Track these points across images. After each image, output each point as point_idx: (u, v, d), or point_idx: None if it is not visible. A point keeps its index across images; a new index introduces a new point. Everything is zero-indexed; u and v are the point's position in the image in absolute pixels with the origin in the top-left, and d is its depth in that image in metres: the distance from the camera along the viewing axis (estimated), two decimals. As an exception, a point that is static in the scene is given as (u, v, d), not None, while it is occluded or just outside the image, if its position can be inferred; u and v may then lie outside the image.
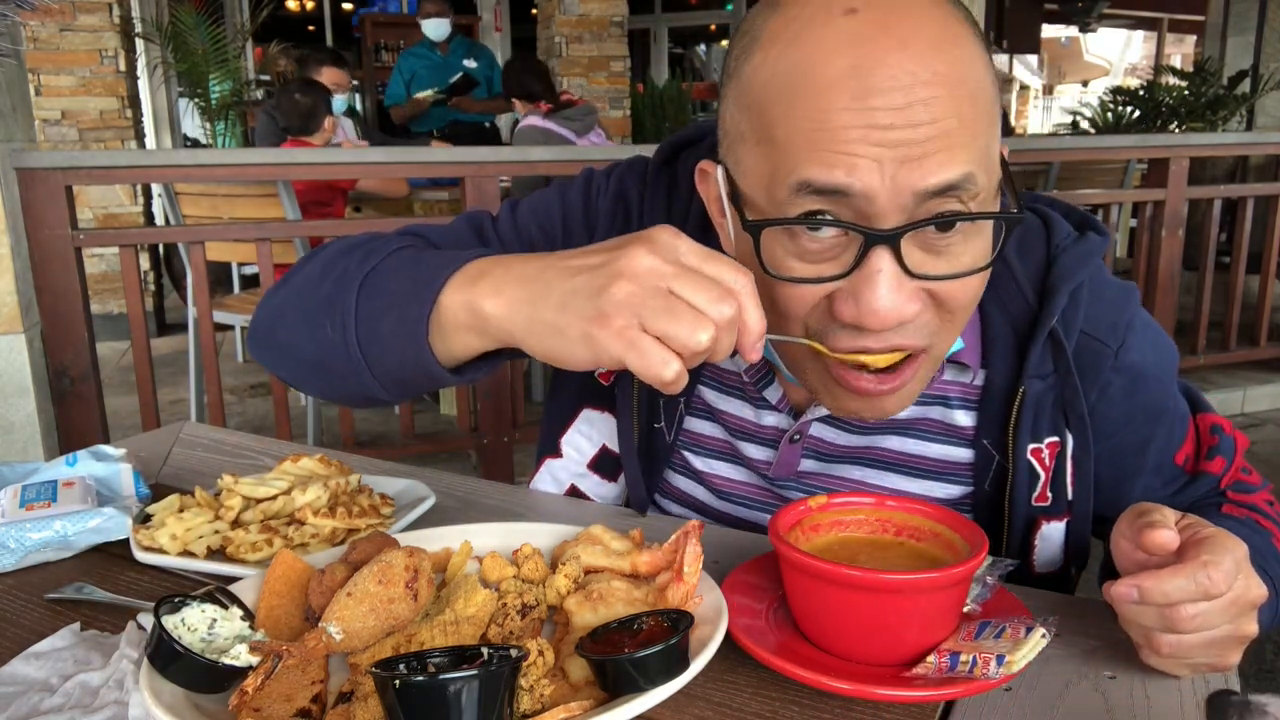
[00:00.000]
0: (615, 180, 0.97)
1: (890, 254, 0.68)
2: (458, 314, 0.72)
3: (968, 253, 0.72)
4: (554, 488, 1.04)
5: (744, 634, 0.67)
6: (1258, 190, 4.36)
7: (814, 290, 0.72)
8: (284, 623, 0.71)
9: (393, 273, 0.78)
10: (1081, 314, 0.87)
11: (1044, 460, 0.89)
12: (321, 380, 0.88)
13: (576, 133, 4.31)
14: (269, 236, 2.93)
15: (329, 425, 3.76)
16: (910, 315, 0.71)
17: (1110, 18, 12.88)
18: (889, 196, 0.67)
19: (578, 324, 0.64)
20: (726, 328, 0.64)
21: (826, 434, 0.92)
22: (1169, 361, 0.93)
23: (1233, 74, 7.09)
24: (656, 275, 0.63)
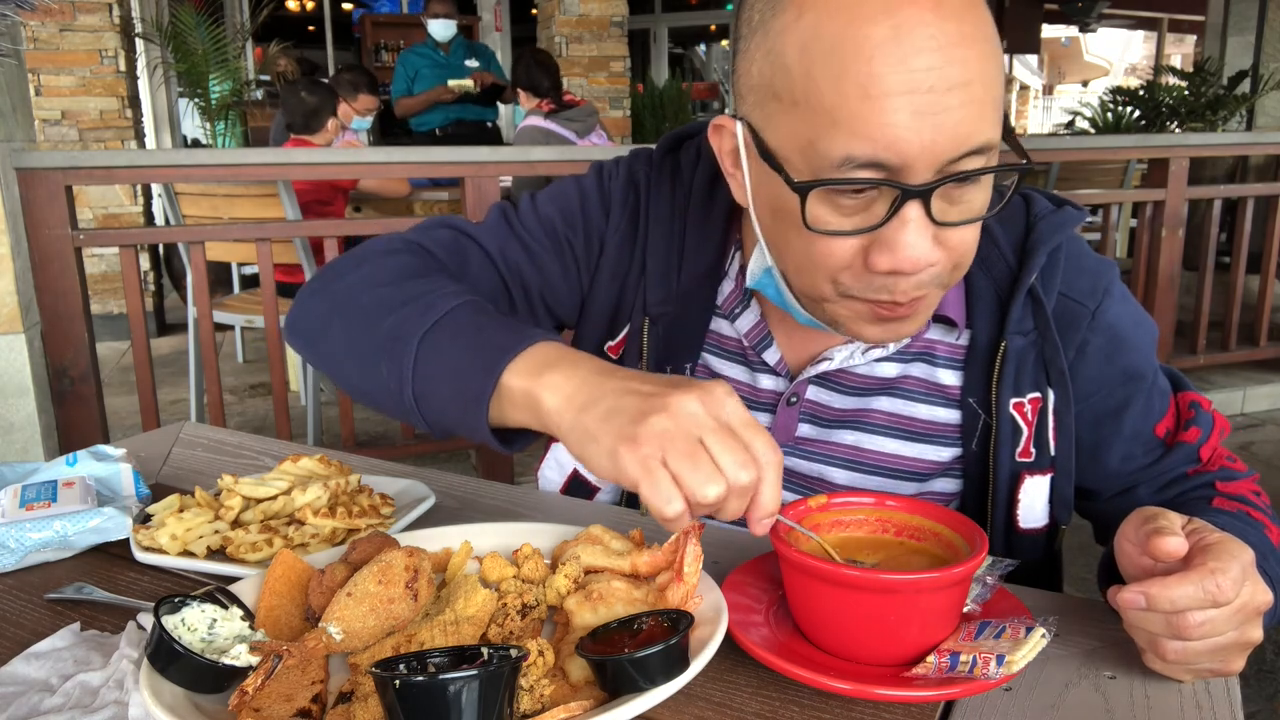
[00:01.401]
0: (625, 167, 1.03)
1: (920, 206, 0.74)
2: (516, 397, 0.75)
3: (978, 201, 0.77)
4: (557, 473, 1.05)
5: (744, 634, 0.67)
6: (1258, 190, 4.36)
7: (849, 244, 0.77)
8: (284, 623, 0.71)
9: (453, 337, 0.81)
10: (1060, 276, 0.93)
11: (1026, 415, 0.92)
12: (364, 398, 0.91)
13: (577, 134, 4.30)
14: (269, 236, 2.93)
15: (329, 425, 3.76)
16: (936, 259, 0.76)
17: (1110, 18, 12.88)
18: (926, 160, 0.72)
19: (610, 439, 0.67)
20: (739, 493, 0.65)
21: (822, 396, 0.95)
22: (1147, 333, 0.96)
23: (1233, 74, 7.09)
24: (695, 422, 0.66)
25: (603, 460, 0.67)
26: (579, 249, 1.01)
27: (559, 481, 1.05)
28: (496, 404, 0.76)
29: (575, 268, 1.01)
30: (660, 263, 0.98)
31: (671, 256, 0.98)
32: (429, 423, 0.83)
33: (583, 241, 1.01)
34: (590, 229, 1.01)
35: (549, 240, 1.00)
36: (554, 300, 1.02)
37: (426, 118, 5.92)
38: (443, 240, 0.99)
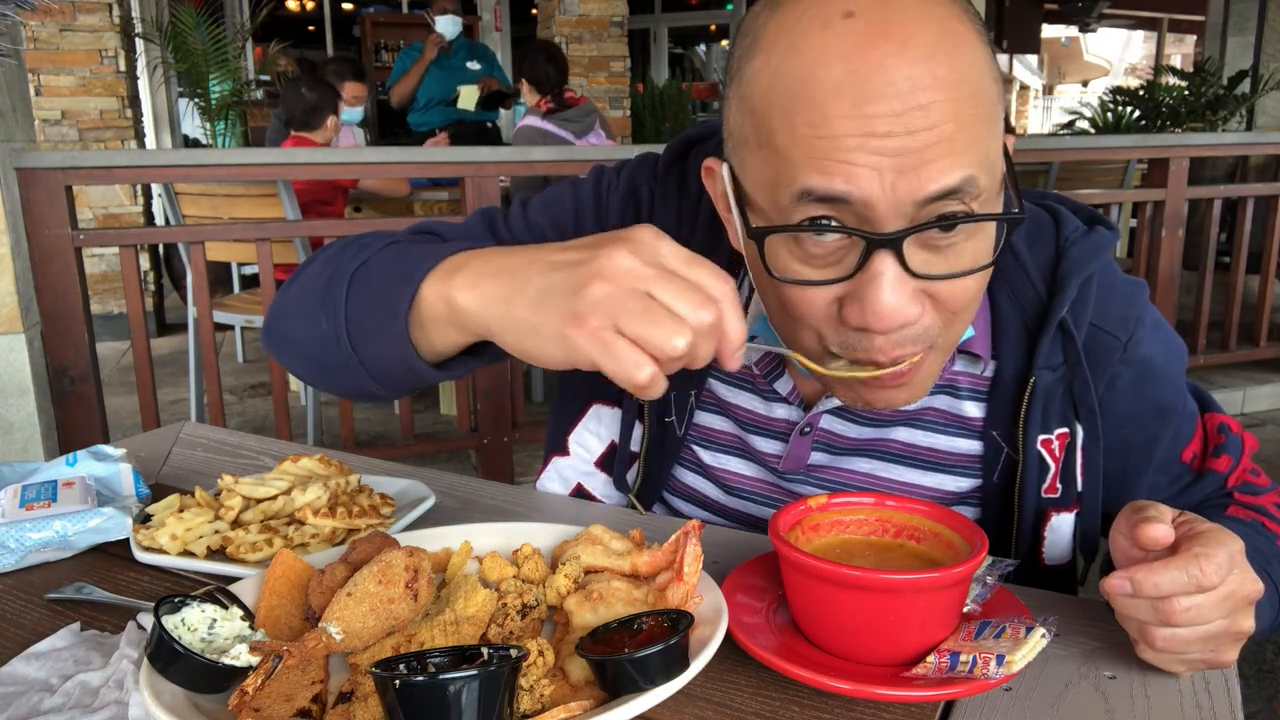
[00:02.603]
0: (626, 177, 0.98)
1: (893, 256, 0.69)
2: (436, 307, 0.71)
3: (969, 251, 0.72)
4: (560, 487, 1.04)
5: (744, 634, 0.67)
6: (1258, 190, 4.36)
7: (821, 295, 0.73)
8: (284, 623, 0.71)
9: (381, 267, 0.78)
10: (1091, 306, 0.87)
11: (1054, 451, 0.89)
12: (322, 375, 0.88)
13: (575, 134, 4.29)
14: (269, 236, 2.93)
15: (329, 425, 3.76)
16: (914, 317, 0.71)
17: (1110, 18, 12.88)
18: (889, 203, 0.67)
19: (553, 322, 0.63)
20: (705, 334, 0.63)
21: (836, 426, 0.93)
22: (1178, 359, 0.93)
23: (1233, 74, 7.09)
24: (635, 277, 0.62)
25: (551, 348, 0.64)
26: None
27: (563, 494, 1.04)
28: (419, 323, 0.73)
29: None
30: None
31: None
32: (368, 368, 0.79)
33: None
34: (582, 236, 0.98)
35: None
36: None
37: (427, 118, 5.92)
38: (415, 240, 0.96)
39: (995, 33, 10.22)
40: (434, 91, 5.87)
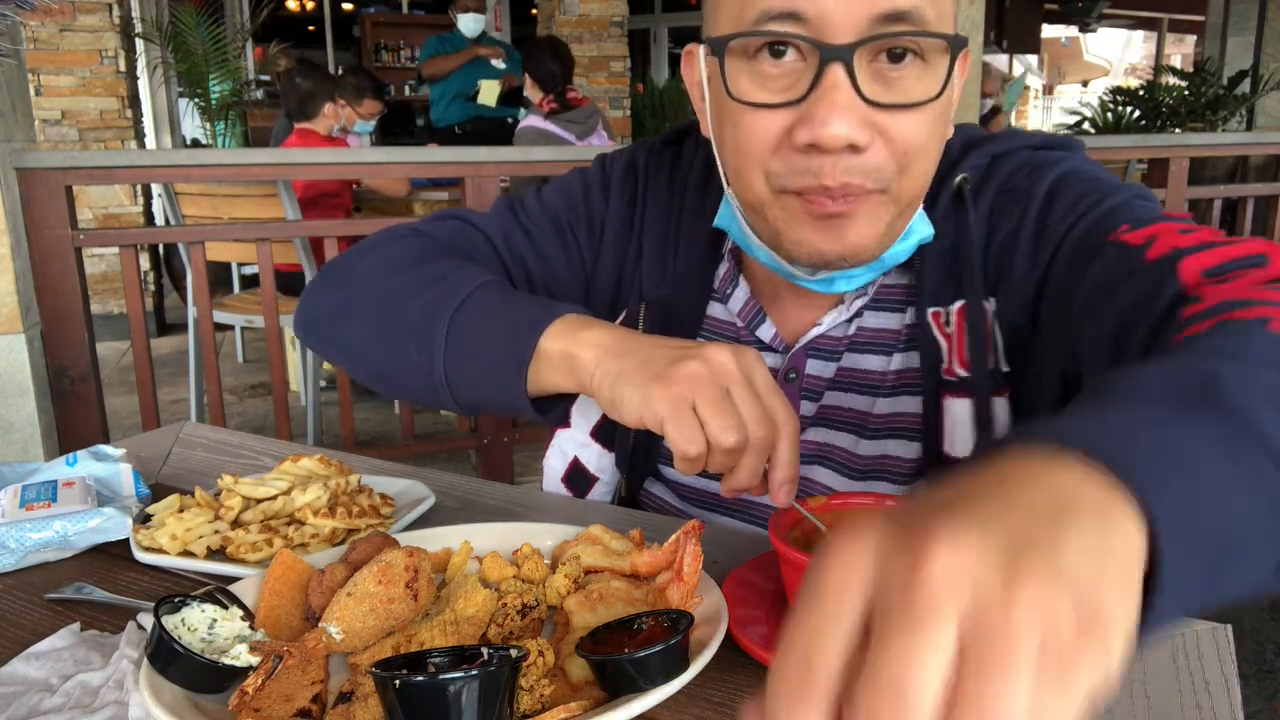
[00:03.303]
0: (627, 154, 1.06)
1: (844, 72, 0.72)
2: (553, 359, 0.79)
3: (918, 89, 0.75)
4: (559, 461, 1.06)
5: (744, 634, 0.67)
6: (1258, 190, 4.36)
7: (775, 121, 0.76)
8: (284, 623, 0.71)
9: (483, 313, 0.85)
10: (1001, 176, 0.88)
11: (942, 325, 0.88)
12: (387, 383, 0.94)
13: (577, 136, 4.27)
14: (269, 236, 2.93)
15: (329, 425, 3.77)
16: (862, 141, 0.74)
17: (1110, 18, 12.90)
18: (843, 17, 0.72)
19: (645, 378, 0.71)
20: (757, 449, 0.69)
21: (814, 368, 0.94)
22: (1105, 178, 0.86)
23: (1233, 74, 7.09)
24: (724, 373, 0.70)
25: (634, 397, 0.71)
26: (582, 235, 1.03)
27: (561, 469, 1.06)
28: (534, 370, 0.80)
29: (579, 254, 1.03)
30: (656, 247, 0.99)
31: (668, 241, 0.99)
32: (458, 400, 0.86)
33: (585, 228, 1.03)
34: (592, 215, 1.03)
35: (553, 228, 1.02)
36: (558, 288, 1.03)
37: (447, 113, 5.91)
38: (448, 229, 1.02)
39: (995, 32, 10.22)
40: (456, 86, 5.86)
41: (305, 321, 0.99)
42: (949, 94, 0.79)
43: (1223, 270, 0.67)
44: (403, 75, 9.72)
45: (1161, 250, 0.71)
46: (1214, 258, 0.67)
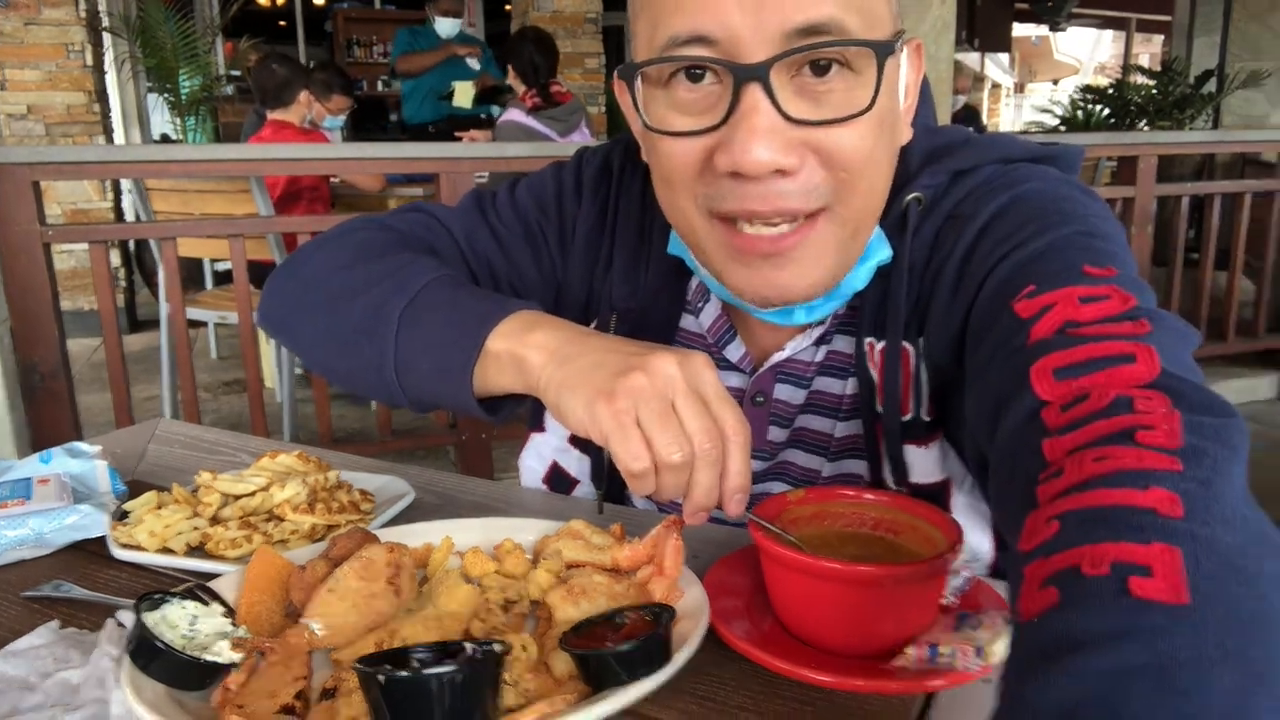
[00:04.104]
0: (603, 153, 1.01)
1: (762, 92, 0.68)
2: (501, 360, 0.76)
3: (849, 100, 0.71)
4: (538, 464, 1.05)
5: (726, 627, 0.68)
6: (1224, 188, 4.43)
7: (696, 147, 0.73)
8: (265, 619, 0.70)
9: (433, 309, 0.82)
10: (957, 196, 0.81)
11: (874, 360, 0.84)
12: (343, 379, 0.92)
13: (559, 133, 4.19)
14: (242, 232, 2.90)
15: (305, 422, 3.74)
16: (790, 166, 0.70)
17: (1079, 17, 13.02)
18: (753, 34, 0.68)
19: (589, 391, 0.68)
20: (706, 462, 0.67)
21: (784, 393, 0.91)
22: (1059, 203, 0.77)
23: (1199, 74, 7.18)
24: (669, 384, 0.67)
25: (579, 411, 0.68)
26: (552, 240, 1.00)
27: (540, 471, 1.05)
28: (480, 370, 0.77)
29: (549, 258, 1.00)
30: (628, 256, 0.96)
31: (640, 250, 0.96)
32: (410, 398, 0.84)
33: (556, 231, 1.00)
34: (564, 218, 1.00)
35: (522, 229, 0.99)
36: (525, 290, 1.00)
37: (420, 110, 5.86)
38: (412, 222, 0.99)
39: (967, 31, 10.30)
40: (430, 84, 5.81)
41: (266, 313, 0.98)
42: (888, 102, 0.74)
43: (1080, 372, 0.60)
44: (375, 71, 9.64)
45: (1047, 329, 0.65)
46: (1078, 354, 0.61)
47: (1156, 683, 0.38)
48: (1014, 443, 0.61)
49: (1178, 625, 0.40)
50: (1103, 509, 0.48)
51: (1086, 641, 0.41)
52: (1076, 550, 0.46)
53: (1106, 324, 0.63)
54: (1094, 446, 0.53)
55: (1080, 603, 0.43)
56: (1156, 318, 0.63)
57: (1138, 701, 0.38)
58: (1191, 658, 0.39)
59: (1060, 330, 0.64)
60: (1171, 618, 0.41)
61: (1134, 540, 0.45)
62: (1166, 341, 0.61)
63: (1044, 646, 0.42)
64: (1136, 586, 0.42)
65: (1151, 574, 0.43)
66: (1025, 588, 0.47)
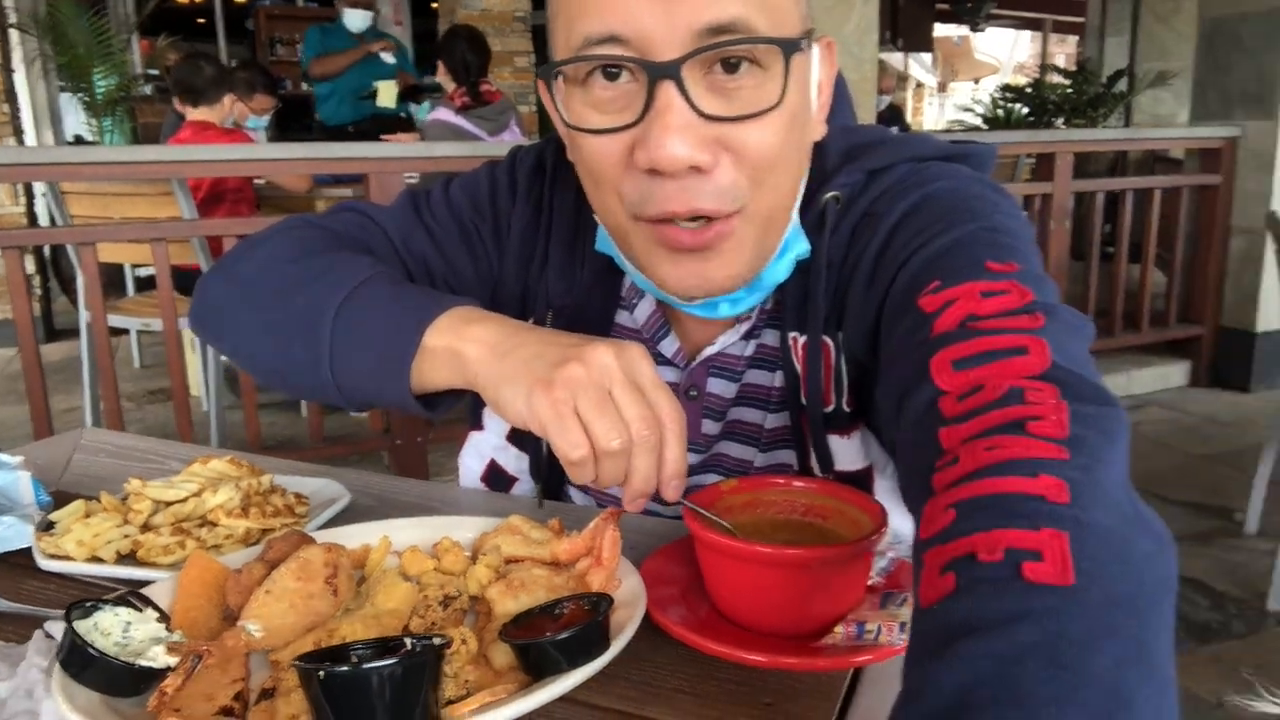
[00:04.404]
0: (536, 152, 1.02)
1: (676, 90, 0.70)
2: (438, 356, 0.77)
3: (758, 97, 0.73)
4: (476, 463, 1.05)
5: (663, 614, 0.69)
6: (1135, 184, 4.60)
7: (615, 144, 0.75)
8: (201, 623, 0.70)
9: (369, 307, 0.82)
10: (874, 194, 0.84)
11: (797, 351, 0.87)
12: (278, 380, 0.91)
13: (489, 133, 4.17)
14: (165, 236, 2.84)
15: (233, 431, 3.66)
16: (704, 161, 0.72)
17: (998, 18, 13.37)
18: (664, 34, 0.70)
19: (527, 382, 0.70)
20: (644, 449, 0.69)
21: (716, 387, 0.93)
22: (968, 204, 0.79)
23: (1111, 73, 7.44)
24: (606, 374, 0.69)
25: (517, 402, 0.70)
26: (487, 238, 1.00)
27: (479, 470, 1.05)
28: (418, 366, 0.78)
29: (485, 256, 1.00)
30: (563, 253, 0.97)
31: (575, 247, 0.97)
32: (346, 396, 0.84)
33: (491, 229, 1.00)
34: (499, 217, 1.00)
35: (457, 228, 1.00)
36: (461, 288, 1.00)
37: (339, 110, 5.74)
38: (346, 222, 0.99)
39: (890, 32, 10.51)
40: (348, 84, 5.70)
41: (197, 315, 0.96)
42: (798, 98, 0.76)
43: (976, 363, 0.63)
44: (299, 69, 9.45)
45: (949, 322, 0.67)
46: (975, 346, 0.64)
47: (1047, 660, 0.41)
48: (915, 431, 0.63)
49: (1065, 605, 0.44)
50: (995, 496, 0.51)
51: (982, 626, 0.44)
52: (971, 538, 0.49)
53: (1004, 318, 0.65)
54: (987, 436, 0.56)
55: (976, 588, 0.46)
56: (1052, 311, 0.66)
57: (1029, 679, 0.41)
58: (1077, 635, 0.43)
59: (962, 323, 0.66)
60: (1060, 598, 0.44)
61: (1025, 526, 0.48)
62: (1059, 334, 0.63)
63: (943, 632, 0.45)
64: (1029, 571, 0.46)
65: (1042, 558, 0.46)
66: (925, 574, 0.50)
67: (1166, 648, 0.45)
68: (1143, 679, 0.42)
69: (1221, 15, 4.42)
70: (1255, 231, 4.31)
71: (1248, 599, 2.64)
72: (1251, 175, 4.36)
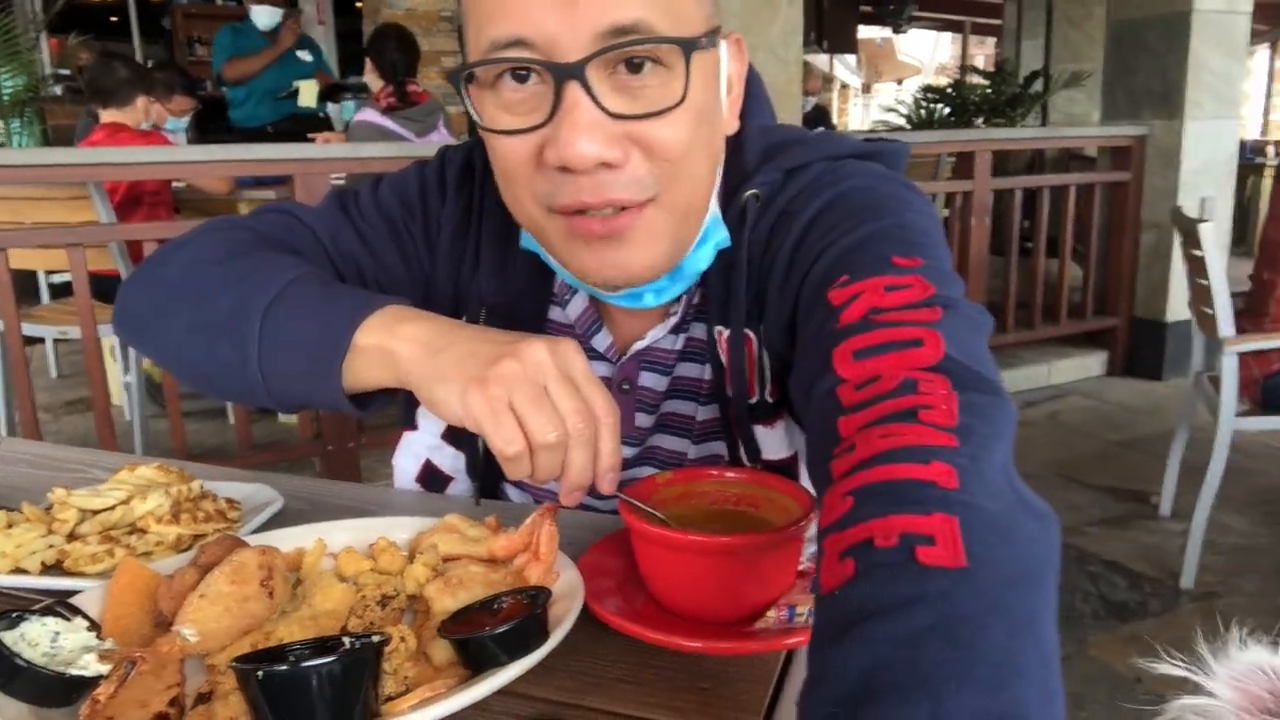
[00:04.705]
0: (465, 151, 1.02)
1: (582, 90, 0.73)
2: (370, 354, 0.77)
3: (662, 95, 0.75)
4: (410, 463, 1.05)
5: (601, 605, 0.71)
6: (1051, 181, 4.76)
7: (526, 144, 0.76)
8: (133, 631, 0.69)
9: (298, 306, 0.82)
10: (790, 193, 0.86)
11: (723, 344, 0.89)
12: (205, 383, 0.90)
13: (416, 134, 4.12)
14: (82, 242, 2.75)
15: (158, 439, 3.57)
16: (615, 159, 0.74)
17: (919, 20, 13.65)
18: (569, 37, 0.72)
19: (462, 379, 0.70)
20: (580, 443, 0.70)
21: (648, 380, 0.96)
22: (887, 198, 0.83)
23: (1027, 74, 7.67)
24: (540, 369, 0.70)
25: (452, 400, 0.71)
26: (418, 235, 1.00)
27: (413, 470, 1.05)
28: (349, 365, 0.78)
29: (416, 255, 1.00)
30: (494, 252, 0.97)
31: (507, 245, 0.97)
32: (276, 398, 0.84)
33: (421, 228, 1.00)
34: (429, 215, 1.00)
35: (387, 227, 0.99)
36: (393, 288, 1.00)
37: (256, 111, 5.60)
38: (272, 223, 0.97)
39: (816, 33, 10.66)
40: (264, 83, 5.57)
41: (121, 319, 0.95)
42: (703, 95, 0.78)
43: (874, 354, 0.65)
44: (218, 70, 9.22)
45: (854, 314, 0.70)
46: (875, 338, 0.66)
47: (943, 640, 0.44)
48: (819, 419, 0.66)
49: (958, 587, 0.46)
50: (890, 483, 0.53)
51: (880, 610, 0.46)
52: (868, 524, 0.51)
53: (905, 310, 0.68)
54: (882, 424, 0.58)
55: (873, 573, 0.49)
56: (952, 305, 0.69)
57: (928, 660, 0.43)
58: (969, 614, 0.45)
59: (865, 316, 0.69)
60: (953, 580, 0.47)
61: (918, 512, 0.50)
62: (956, 328, 0.66)
63: (844, 617, 0.47)
64: (922, 555, 0.48)
65: (934, 542, 0.48)
66: (825, 561, 0.52)
67: (1051, 620, 0.48)
68: (1031, 650, 0.45)
69: (1127, 18, 4.60)
70: (1163, 226, 4.49)
71: (1162, 578, 2.76)
72: (1159, 172, 4.55)
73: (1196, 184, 4.45)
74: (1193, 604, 2.62)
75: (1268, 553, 2.90)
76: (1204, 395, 2.82)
